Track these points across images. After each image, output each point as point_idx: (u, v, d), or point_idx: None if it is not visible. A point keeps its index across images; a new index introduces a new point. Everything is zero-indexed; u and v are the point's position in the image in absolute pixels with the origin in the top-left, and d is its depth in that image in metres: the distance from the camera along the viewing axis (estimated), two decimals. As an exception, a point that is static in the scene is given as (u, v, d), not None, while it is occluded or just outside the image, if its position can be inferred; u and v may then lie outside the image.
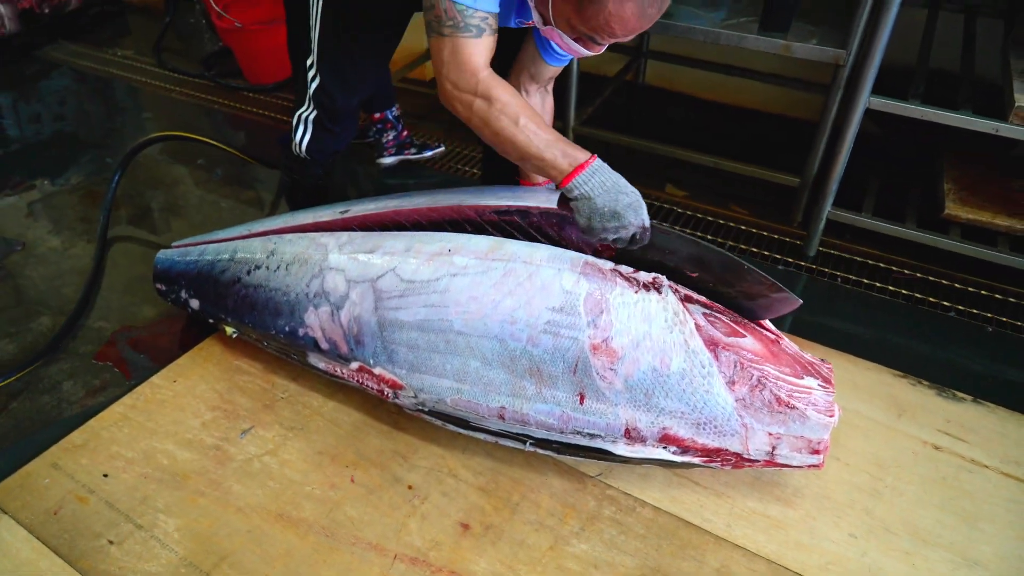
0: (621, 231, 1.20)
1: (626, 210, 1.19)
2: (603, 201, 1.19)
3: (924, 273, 1.89)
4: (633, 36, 1.20)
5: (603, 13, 1.10)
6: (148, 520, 1.26)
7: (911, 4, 2.16)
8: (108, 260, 1.91)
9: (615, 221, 1.19)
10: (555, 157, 1.21)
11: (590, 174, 1.20)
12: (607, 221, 1.20)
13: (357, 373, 1.35)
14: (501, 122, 1.21)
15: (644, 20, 1.11)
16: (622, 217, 1.19)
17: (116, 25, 3.41)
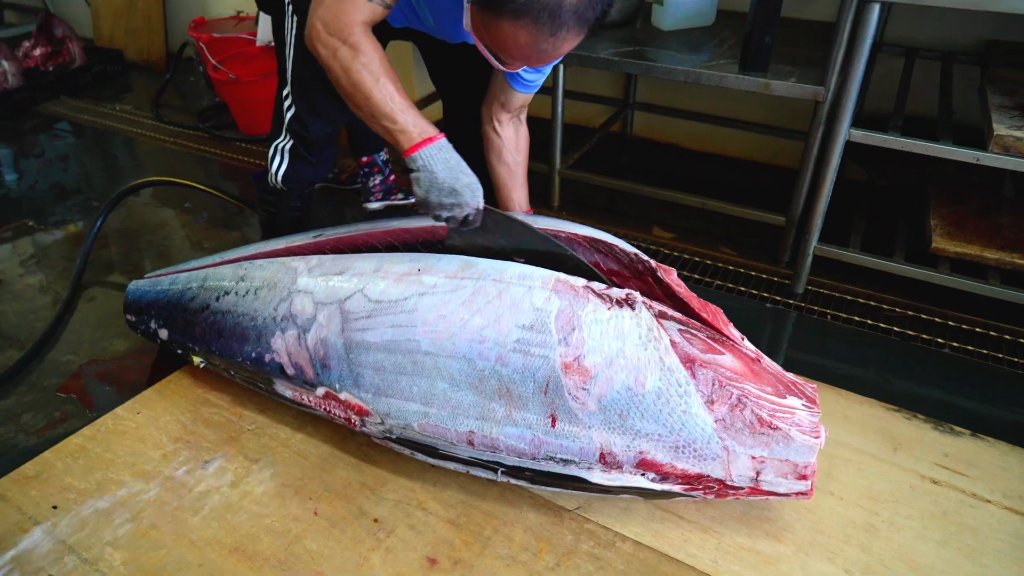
0: (456, 209, 1.25)
1: (464, 189, 1.23)
2: (444, 176, 1.22)
3: (915, 311, 1.84)
4: (539, 65, 1.20)
5: (500, 33, 1.11)
6: (94, 554, 1.18)
7: (889, 52, 2.22)
8: (85, 296, 1.88)
9: (452, 198, 1.24)
10: (406, 123, 1.23)
11: (437, 148, 1.22)
12: (444, 196, 1.23)
13: (323, 400, 1.30)
14: (362, 75, 1.21)
15: (537, 52, 1.11)
16: (459, 195, 1.23)
17: (118, 83, 3.49)
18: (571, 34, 1.09)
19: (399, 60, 2.86)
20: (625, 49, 2.04)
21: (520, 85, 1.47)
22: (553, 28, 1.06)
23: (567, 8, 1.04)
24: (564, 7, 1.04)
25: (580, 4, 1.05)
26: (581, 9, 1.06)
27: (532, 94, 1.52)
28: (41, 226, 2.24)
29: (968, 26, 2.11)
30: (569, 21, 1.06)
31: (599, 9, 1.09)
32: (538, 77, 1.47)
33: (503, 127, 1.56)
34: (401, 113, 1.23)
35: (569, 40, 1.10)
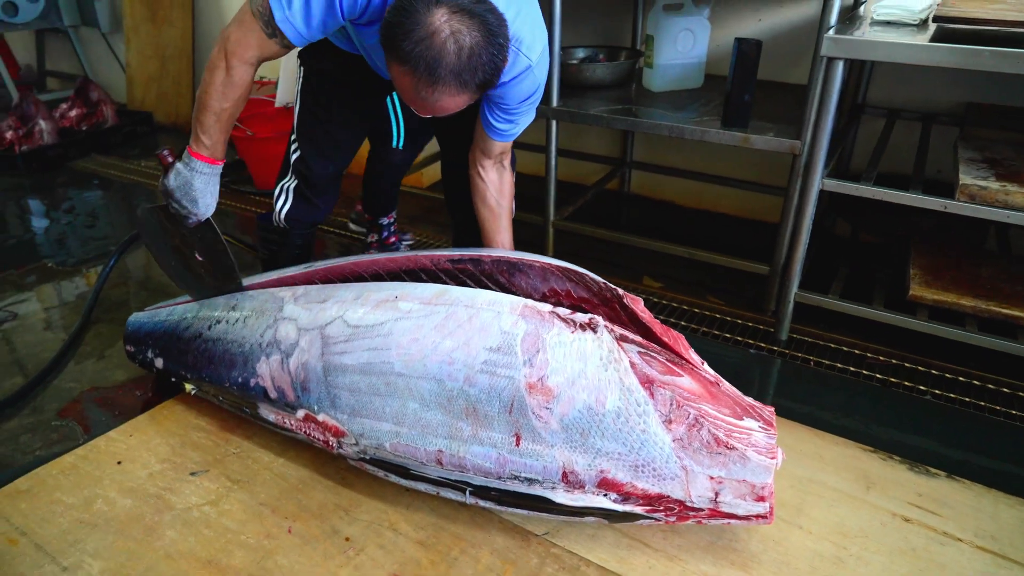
0: (188, 213, 1.49)
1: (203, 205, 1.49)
2: (198, 186, 1.47)
3: (898, 359, 1.86)
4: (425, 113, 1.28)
5: (393, 75, 1.22)
6: (73, 562, 1.22)
7: (872, 114, 2.31)
8: (93, 331, 1.97)
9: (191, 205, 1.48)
10: (207, 140, 1.44)
11: (210, 169, 1.47)
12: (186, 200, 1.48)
13: (303, 423, 1.35)
14: (215, 91, 1.41)
15: (418, 98, 1.21)
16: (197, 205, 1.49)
17: (146, 142, 3.70)
18: (450, 90, 1.18)
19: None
20: (616, 107, 2.16)
21: (494, 134, 1.57)
22: (430, 80, 1.15)
23: (445, 66, 1.14)
24: (442, 65, 1.14)
25: (459, 65, 1.15)
26: (459, 71, 1.15)
27: (508, 143, 1.61)
28: (60, 267, 2.36)
29: (947, 89, 2.21)
30: (447, 78, 1.15)
31: (480, 75, 1.18)
32: (509, 127, 1.56)
33: (487, 172, 1.65)
34: (212, 132, 1.44)
35: (449, 95, 1.19)
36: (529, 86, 1.47)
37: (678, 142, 2.74)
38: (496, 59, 1.20)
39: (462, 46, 1.14)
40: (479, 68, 1.17)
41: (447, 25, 1.13)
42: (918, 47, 1.49)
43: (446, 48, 1.13)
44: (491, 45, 1.17)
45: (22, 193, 3.03)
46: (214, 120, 1.43)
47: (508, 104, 1.50)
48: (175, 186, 1.47)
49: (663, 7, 2.23)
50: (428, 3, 1.13)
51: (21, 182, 3.13)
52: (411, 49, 1.13)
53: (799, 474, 1.44)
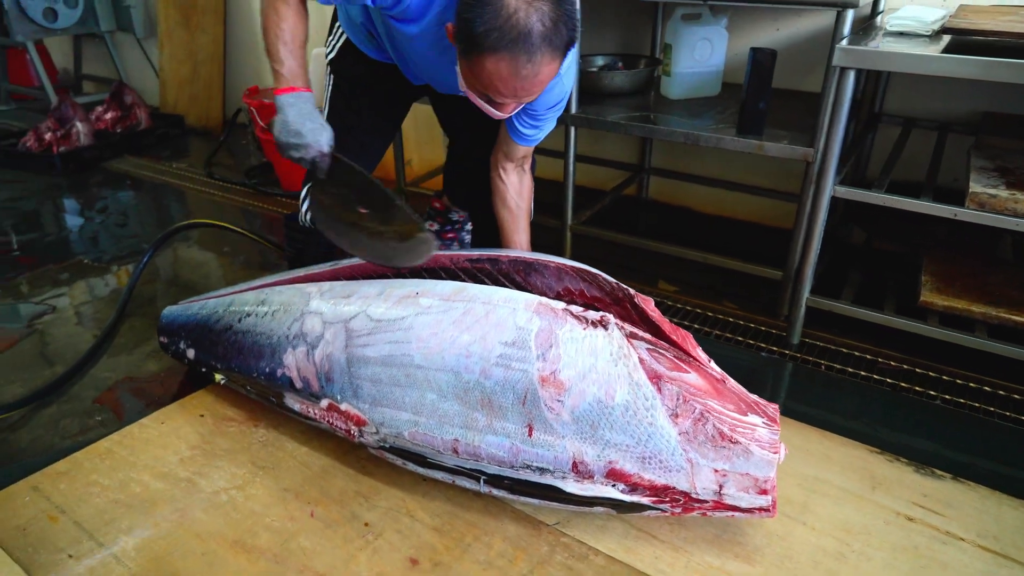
0: (302, 150, 1.43)
1: (309, 132, 1.42)
2: (293, 119, 1.41)
3: (910, 365, 1.89)
4: (522, 98, 1.33)
5: (485, 72, 1.25)
6: (110, 539, 1.29)
7: (889, 123, 2.34)
8: (127, 324, 2.05)
9: (297, 139, 1.41)
10: (282, 70, 1.43)
11: (295, 97, 1.42)
12: (291, 137, 1.41)
13: (327, 412, 1.41)
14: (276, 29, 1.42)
15: (520, 80, 1.24)
16: (303, 137, 1.41)
17: (177, 144, 3.81)
18: (546, 58, 1.22)
19: (430, 121, 3.09)
20: (634, 115, 2.20)
21: (519, 138, 1.63)
22: (529, 53, 1.19)
23: (536, 34, 1.18)
24: (533, 34, 1.18)
25: (547, 30, 1.19)
26: (549, 35, 1.20)
27: (532, 147, 1.67)
28: (95, 263, 2.46)
29: (963, 99, 2.23)
30: (542, 45, 1.20)
31: (566, 34, 1.23)
32: (534, 132, 1.62)
33: (508, 175, 1.71)
34: (284, 61, 1.43)
35: (545, 64, 1.23)
36: (558, 93, 1.53)
37: (696, 149, 2.78)
38: (572, 15, 1.25)
39: (543, 13, 1.19)
40: (563, 28, 1.22)
41: (521, 1, 1.18)
42: (927, 58, 1.53)
43: (531, 19, 1.18)
44: (563, 3, 1.23)
45: (59, 192, 3.14)
46: (280, 46, 1.43)
47: (536, 110, 1.55)
48: (278, 132, 1.44)
49: (681, 16, 2.27)
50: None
51: (59, 182, 3.25)
52: (500, 34, 1.18)
53: (805, 473, 1.48)
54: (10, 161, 3.40)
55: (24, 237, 2.68)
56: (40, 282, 2.31)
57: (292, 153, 1.45)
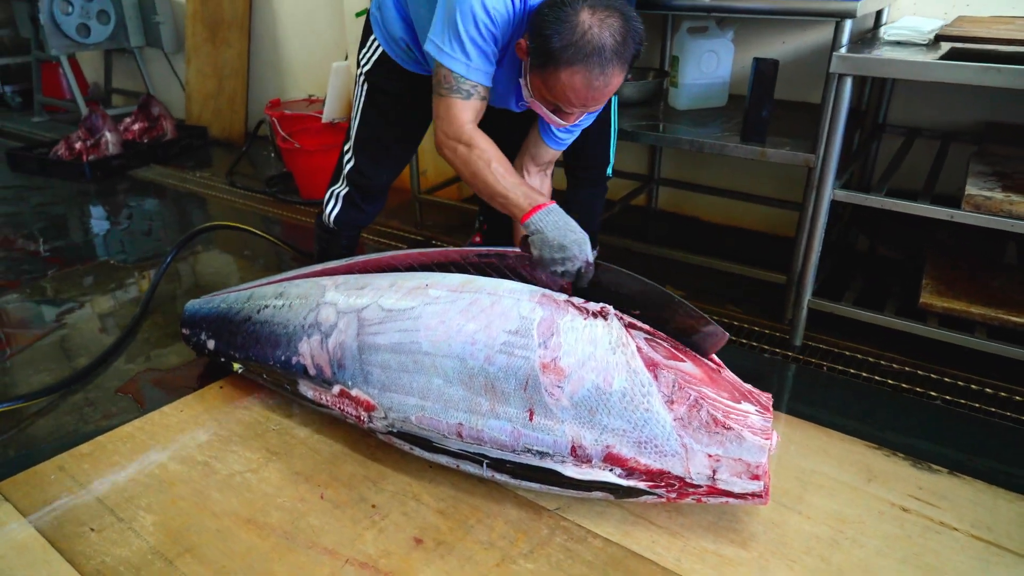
0: (567, 263, 1.39)
1: (572, 244, 1.38)
2: (553, 235, 1.38)
3: (912, 367, 1.91)
4: (591, 107, 1.41)
5: (559, 84, 1.34)
6: (129, 515, 1.36)
7: (893, 133, 2.38)
8: (150, 320, 2.13)
9: (562, 253, 1.38)
10: (518, 197, 1.43)
11: (545, 213, 1.40)
12: (555, 252, 1.38)
13: (338, 398, 1.47)
14: (478, 164, 1.44)
15: (592, 91, 1.34)
16: (567, 249, 1.38)
17: (200, 155, 3.93)
18: (616, 70, 1.32)
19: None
20: (641, 123, 2.27)
21: (553, 142, 1.70)
22: (602, 66, 1.30)
23: (609, 48, 1.29)
24: (606, 48, 1.29)
25: (617, 45, 1.30)
26: (619, 48, 1.30)
27: (560, 151, 1.74)
28: (120, 264, 2.55)
29: (966, 108, 2.27)
30: (613, 59, 1.30)
31: (633, 47, 1.33)
32: (568, 136, 1.70)
33: (531, 178, 1.78)
34: (512, 190, 1.45)
35: (616, 75, 1.33)
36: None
37: (704, 159, 2.83)
38: (638, 29, 1.34)
39: (614, 29, 1.30)
40: (631, 43, 1.32)
41: (594, 19, 1.29)
42: (919, 64, 1.58)
43: (603, 35, 1.29)
44: (631, 19, 1.33)
45: (87, 198, 3.26)
46: (501, 181, 1.44)
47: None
48: (540, 250, 1.41)
49: (688, 30, 2.34)
50: (574, 8, 1.29)
51: (87, 188, 3.37)
52: (577, 50, 1.28)
53: (803, 466, 1.51)
54: (42, 168, 3.54)
55: (53, 239, 2.79)
56: (67, 281, 2.41)
57: (557, 268, 1.41)
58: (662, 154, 2.93)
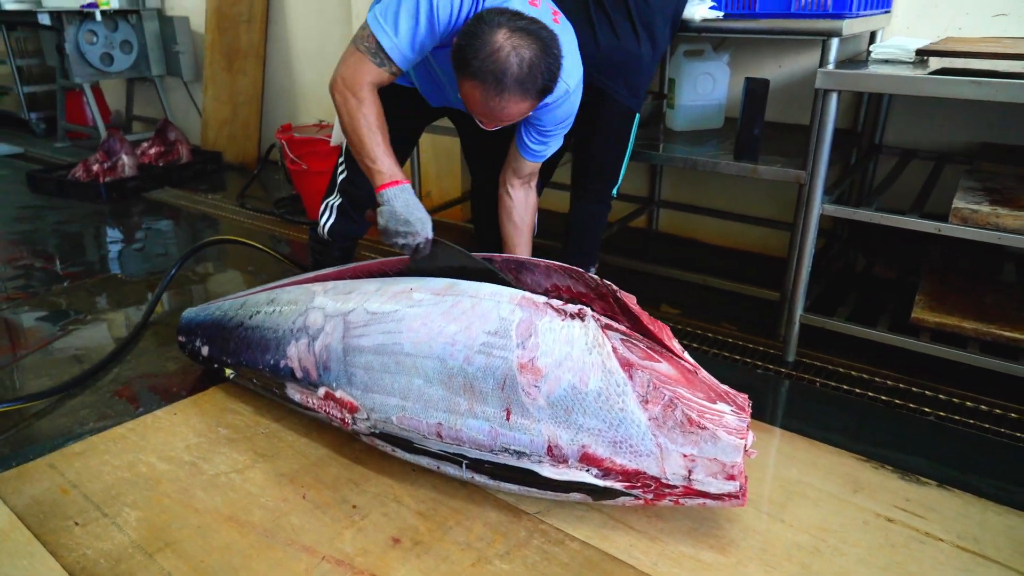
0: (408, 236, 1.53)
1: (416, 221, 1.52)
2: (401, 209, 1.51)
3: (906, 384, 1.90)
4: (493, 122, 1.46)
5: (464, 91, 1.41)
6: (114, 511, 1.38)
7: (889, 154, 2.40)
8: (152, 330, 2.17)
9: (406, 227, 1.52)
10: (383, 166, 1.53)
11: (400, 190, 1.52)
12: (400, 225, 1.52)
13: (323, 401, 1.49)
14: (359, 121, 1.52)
15: (487, 108, 1.39)
16: (411, 225, 1.52)
17: (214, 179, 4.03)
18: (515, 97, 1.36)
19: (448, 154, 3.24)
20: (639, 143, 2.30)
21: (528, 154, 1.73)
22: (498, 90, 1.34)
23: (510, 75, 1.32)
24: (507, 74, 1.32)
25: (521, 74, 1.33)
26: (523, 79, 1.34)
27: (538, 163, 1.77)
28: (128, 279, 2.61)
29: (961, 129, 2.28)
30: (512, 87, 1.34)
31: (540, 81, 1.36)
32: (542, 148, 1.73)
33: (515, 191, 1.81)
34: (381, 158, 1.53)
35: (513, 102, 1.37)
36: (566, 110, 1.65)
37: (704, 181, 2.86)
38: (552, 68, 1.38)
39: (523, 58, 1.33)
40: (538, 76, 1.35)
41: (508, 42, 1.32)
42: (900, 78, 1.60)
43: (509, 61, 1.32)
44: (547, 56, 1.36)
45: (102, 218, 3.35)
46: (374, 146, 1.52)
47: (544, 126, 1.67)
48: (386, 221, 1.53)
49: (684, 53, 2.39)
50: (492, 25, 1.33)
51: (102, 208, 3.46)
52: (479, 65, 1.33)
53: (788, 476, 1.50)
54: (60, 190, 3.64)
55: (65, 256, 2.86)
56: (75, 294, 2.47)
57: (398, 240, 1.54)
58: (662, 176, 2.96)
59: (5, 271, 2.68)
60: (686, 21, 1.98)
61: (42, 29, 4.36)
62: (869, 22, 2.02)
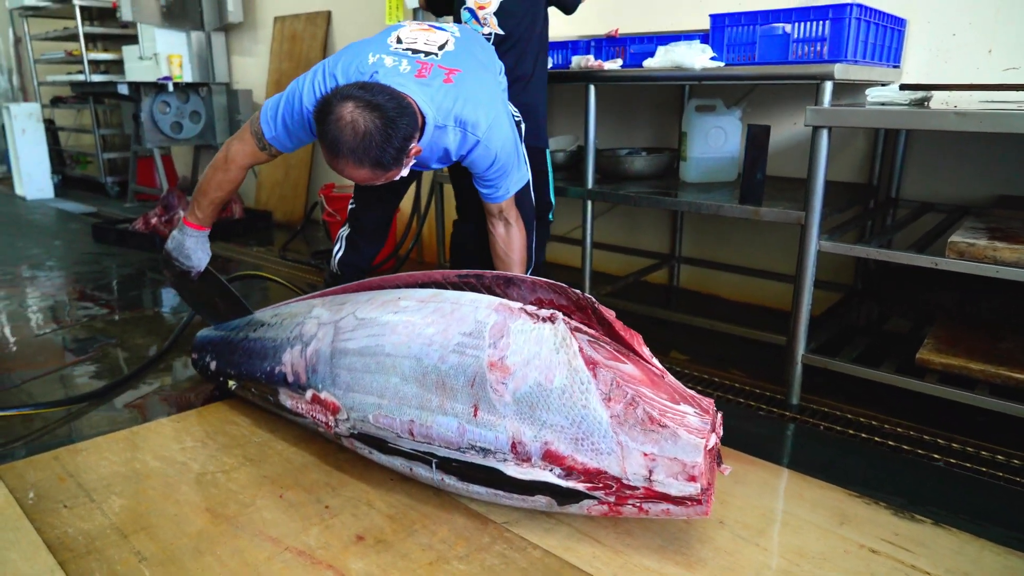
0: (185, 266, 1.90)
1: (196, 258, 1.90)
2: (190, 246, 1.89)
3: (916, 432, 1.82)
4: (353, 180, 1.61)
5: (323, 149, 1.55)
6: (101, 497, 1.44)
7: (905, 207, 2.39)
8: (173, 354, 2.29)
9: (186, 260, 1.89)
10: (201, 214, 1.86)
11: (200, 235, 1.89)
12: (182, 257, 1.89)
13: (310, 405, 1.54)
14: (214, 181, 1.83)
15: (337, 167, 1.53)
16: (191, 259, 1.90)
17: (262, 234, 4.26)
18: (350, 163, 1.50)
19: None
20: (649, 192, 2.36)
21: (485, 197, 1.87)
22: (334, 154, 1.50)
23: (343, 145, 1.48)
24: (341, 144, 1.47)
25: (355, 146, 1.48)
26: (357, 151, 1.48)
27: (498, 203, 1.87)
28: (164, 313, 2.77)
29: (978, 183, 2.26)
30: (346, 155, 1.49)
31: (373, 153, 1.49)
32: (491, 191, 1.85)
33: (495, 227, 1.92)
34: (205, 209, 1.86)
35: (350, 167, 1.52)
36: (486, 158, 1.77)
37: (725, 237, 2.88)
38: (390, 140, 1.50)
39: (357, 131, 1.47)
40: (372, 148, 1.49)
41: (350, 115, 1.47)
42: (885, 112, 1.63)
43: (344, 132, 1.47)
44: (387, 128, 1.49)
45: (154, 264, 3.57)
46: (208, 203, 1.86)
47: (479, 171, 1.81)
48: (172, 247, 1.89)
49: (696, 108, 2.47)
50: (340, 98, 1.49)
51: (156, 256, 3.69)
52: (324, 130, 1.49)
53: (771, 506, 1.45)
54: (120, 239, 3.92)
55: (111, 293, 3.06)
56: (113, 324, 2.62)
57: (176, 266, 1.90)
58: (683, 232, 2.99)
59: (61, 303, 2.88)
60: (686, 69, 2.08)
61: (122, 100, 4.80)
62: (872, 72, 2.07)
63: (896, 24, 2.22)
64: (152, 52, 4.76)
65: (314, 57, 4.28)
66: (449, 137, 1.70)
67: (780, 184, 2.44)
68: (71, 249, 3.90)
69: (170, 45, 4.74)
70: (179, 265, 1.90)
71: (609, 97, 3.09)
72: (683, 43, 2.16)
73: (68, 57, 5.84)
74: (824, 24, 1.93)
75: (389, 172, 1.57)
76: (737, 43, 2.12)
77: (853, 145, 2.52)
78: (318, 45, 4.27)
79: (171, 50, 4.72)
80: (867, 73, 2.04)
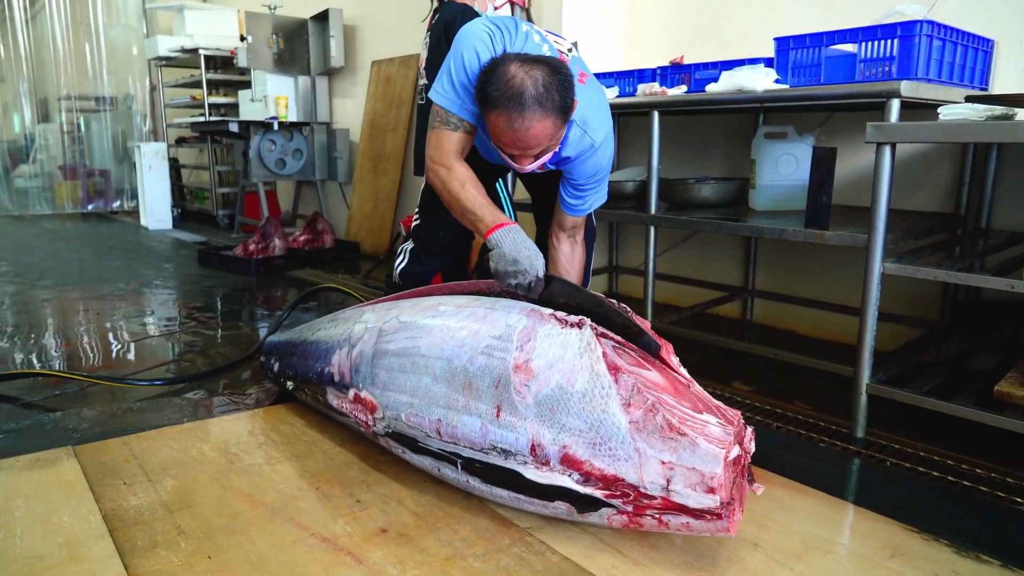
0: (519, 276, 1.56)
1: (524, 259, 1.55)
2: (508, 249, 1.57)
3: (999, 474, 1.67)
4: (524, 150, 1.55)
5: (492, 127, 1.53)
6: (157, 478, 1.54)
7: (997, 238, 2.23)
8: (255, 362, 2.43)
9: (514, 266, 1.56)
10: (484, 215, 1.63)
11: (505, 232, 1.59)
12: (509, 266, 1.56)
13: (353, 404, 1.60)
14: (453, 184, 1.67)
15: (515, 132, 1.50)
16: (519, 263, 1.55)
17: (350, 264, 4.47)
18: (536, 115, 1.47)
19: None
20: (712, 217, 2.33)
21: (567, 208, 1.85)
22: (519, 111, 1.47)
23: (528, 95, 1.46)
24: (525, 94, 1.46)
25: (539, 93, 1.46)
26: (541, 97, 1.47)
27: (579, 218, 1.87)
28: (249, 328, 2.95)
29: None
30: (532, 105, 1.47)
31: (558, 98, 1.48)
32: (579, 203, 1.83)
33: (560, 243, 1.91)
34: (480, 208, 1.65)
35: (536, 120, 1.48)
36: (594, 165, 1.75)
37: (801, 270, 2.77)
38: (565, 84, 1.51)
39: (536, 79, 1.48)
40: (554, 92, 1.49)
41: (520, 70, 1.49)
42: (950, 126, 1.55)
43: (525, 84, 1.47)
44: (557, 75, 1.50)
45: (248, 286, 3.82)
46: (474, 204, 1.64)
47: (576, 180, 1.78)
48: (496, 263, 1.58)
49: (765, 135, 2.43)
50: (503, 62, 1.51)
51: (250, 280, 3.96)
52: (499, 93, 1.49)
53: (815, 533, 1.37)
54: (220, 263, 4.23)
55: (204, 309, 3.29)
56: (199, 335, 2.82)
57: (510, 281, 1.57)
58: (756, 266, 2.91)
59: (162, 315, 3.14)
60: (748, 91, 2.05)
61: (234, 138, 5.22)
62: (950, 92, 1.97)
63: (981, 44, 2.12)
64: (263, 95, 5.16)
65: (406, 97, 4.53)
66: (570, 132, 1.67)
67: (854, 213, 2.34)
68: (178, 271, 4.24)
69: (279, 88, 5.13)
70: (519, 282, 1.55)
71: (680, 128, 3.08)
72: (747, 67, 2.15)
73: (192, 101, 6.44)
74: (892, 43, 1.87)
75: (563, 128, 1.55)
76: (802, 66, 2.08)
77: (938, 172, 2.39)
78: (409, 86, 4.51)
79: (279, 92, 5.10)
80: (944, 93, 1.95)
